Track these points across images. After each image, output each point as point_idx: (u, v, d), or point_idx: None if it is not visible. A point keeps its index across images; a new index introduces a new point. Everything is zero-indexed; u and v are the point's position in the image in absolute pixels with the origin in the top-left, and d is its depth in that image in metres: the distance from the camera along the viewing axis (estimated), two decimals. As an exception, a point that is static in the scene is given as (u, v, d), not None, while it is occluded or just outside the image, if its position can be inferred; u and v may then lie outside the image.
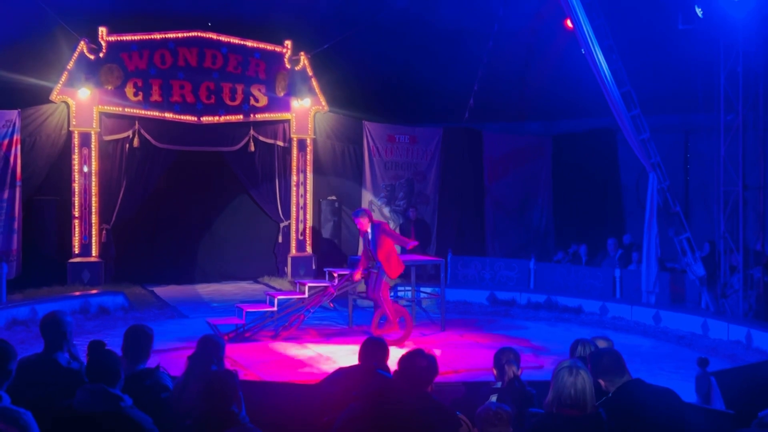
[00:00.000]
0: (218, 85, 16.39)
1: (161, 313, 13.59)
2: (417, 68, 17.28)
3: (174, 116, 16.08)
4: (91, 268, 15.37)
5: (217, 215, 17.35)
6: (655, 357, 11.14)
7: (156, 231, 16.72)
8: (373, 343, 5.44)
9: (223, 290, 16.25)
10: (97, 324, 12.53)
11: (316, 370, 9.82)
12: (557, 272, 15.35)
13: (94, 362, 4.41)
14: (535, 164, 19.44)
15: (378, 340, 5.53)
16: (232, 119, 16.62)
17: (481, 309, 14.56)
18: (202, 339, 5.53)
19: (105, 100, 15.55)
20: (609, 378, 4.80)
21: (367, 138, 17.95)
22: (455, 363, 10.33)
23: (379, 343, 5.46)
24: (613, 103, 13.06)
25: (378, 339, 5.57)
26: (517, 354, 5.61)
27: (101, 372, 4.32)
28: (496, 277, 15.73)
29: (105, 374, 4.31)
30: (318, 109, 17.39)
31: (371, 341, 5.48)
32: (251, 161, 17.01)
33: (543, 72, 17.13)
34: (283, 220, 17.40)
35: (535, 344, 11.57)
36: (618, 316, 13.54)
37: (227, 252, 17.34)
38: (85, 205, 15.54)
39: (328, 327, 12.84)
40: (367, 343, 5.44)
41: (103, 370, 4.33)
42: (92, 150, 15.54)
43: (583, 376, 4.31)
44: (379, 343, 5.45)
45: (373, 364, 5.26)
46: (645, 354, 11.22)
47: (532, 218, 19.54)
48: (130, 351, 5.15)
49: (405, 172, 18.35)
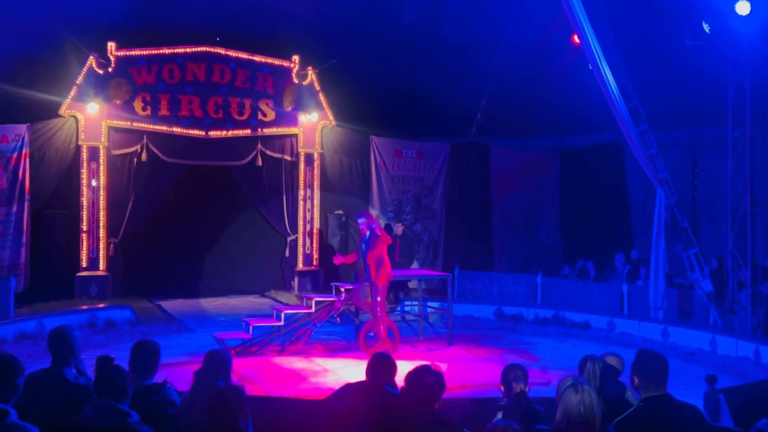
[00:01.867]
0: (226, 99, 16.46)
1: (168, 327, 13.59)
2: (424, 83, 17.30)
3: (182, 131, 16.14)
4: (99, 281, 15.40)
5: (225, 229, 17.37)
6: (663, 373, 11.06)
7: (163, 245, 16.75)
8: (380, 360, 5.42)
9: (229, 304, 16.26)
10: (104, 338, 12.54)
11: (322, 386, 9.80)
12: (565, 287, 15.31)
13: (102, 377, 4.41)
14: (543, 179, 19.41)
15: (385, 357, 5.50)
16: (239, 134, 16.67)
17: (489, 324, 14.52)
18: (209, 354, 5.52)
19: (113, 115, 15.63)
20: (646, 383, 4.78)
21: (374, 152, 17.97)
22: (462, 378, 10.30)
23: (387, 359, 5.44)
24: (620, 118, 13.05)
25: (385, 355, 5.54)
26: (525, 371, 5.58)
27: (109, 387, 4.32)
28: (503, 292, 15.69)
29: (113, 390, 4.31)
30: (325, 123, 17.43)
31: (379, 357, 5.45)
32: (259, 175, 17.04)
33: (550, 87, 17.11)
34: (290, 234, 17.41)
35: (542, 360, 11.52)
36: (626, 332, 13.49)
37: (234, 266, 17.36)
38: (93, 219, 15.59)
39: (334, 342, 12.82)
40: (374, 360, 5.42)
41: (110, 386, 4.33)
42: (101, 164, 15.60)
43: (589, 393, 4.29)
44: (386, 360, 5.43)
45: (381, 380, 5.24)
46: (653, 370, 11.14)
47: (540, 233, 19.49)
48: (138, 366, 5.15)
49: (412, 187, 18.35)
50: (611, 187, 18.57)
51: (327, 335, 13.12)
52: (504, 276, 16.20)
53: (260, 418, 4.77)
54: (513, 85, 17.51)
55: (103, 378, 4.40)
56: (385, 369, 5.33)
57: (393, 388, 5.26)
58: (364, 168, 18.01)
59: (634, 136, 13.15)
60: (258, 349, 11.76)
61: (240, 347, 11.68)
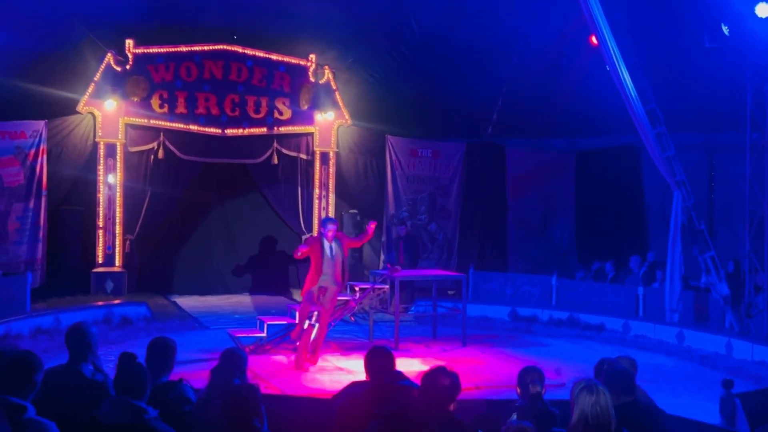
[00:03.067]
0: (243, 97, 16.50)
1: (183, 324, 13.65)
2: (441, 83, 17.30)
3: (199, 128, 16.20)
4: (115, 278, 15.48)
5: (240, 227, 17.42)
6: (678, 377, 11.04)
7: (179, 242, 16.82)
8: (374, 355, 5.23)
9: (244, 302, 16.31)
10: (119, 334, 12.60)
11: (337, 384, 9.80)
12: (580, 289, 15.26)
13: (124, 375, 4.43)
14: (558, 181, 19.36)
15: (378, 350, 5.30)
16: (256, 132, 16.71)
17: (503, 325, 14.50)
18: (225, 352, 5.54)
19: (131, 112, 15.69)
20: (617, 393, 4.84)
21: (389, 152, 17.98)
22: (477, 378, 10.31)
23: (379, 351, 5.26)
24: (637, 120, 13.00)
25: (378, 348, 5.34)
26: (541, 374, 5.57)
27: (129, 385, 4.34)
28: (518, 293, 15.66)
29: (133, 387, 4.33)
30: (341, 122, 17.44)
31: (373, 353, 5.26)
32: (274, 174, 17.08)
33: (567, 88, 17.06)
34: (305, 232, 17.43)
35: (556, 361, 11.49)
36: (641, 335, 13.44)
37: (249, 263, 17.40)
38: (109, 216, 15.67)
39: (348, 341, 12.84)
40: (370, 356, 5.22)
41: (131, 384, 4.35)
42: (117, 161, 15.68)
43: (603, 393, 4.30)
44: (380, 352, 5.25)
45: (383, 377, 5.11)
46: (668, 373, 11.12)
47: (554, 235, 19.44)
48: (154, 363, 5.16)
49: (427, 186, 18.34)
50: (627, 190, 18.49)
51: (341, 334, 13.13)
52: (519, 277, 16.16)
53: (275, 416, 4.78)
54: (529, 86, 17.47)
55: (124, 375, 4.42)
56: (382, 362, 5.22)
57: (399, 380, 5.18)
58: (379, 167, 18.02)
59: (652, 138, 13.09)
60: (273, 347, 11.78)
61: (255, 345, 11.71)
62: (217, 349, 5.73)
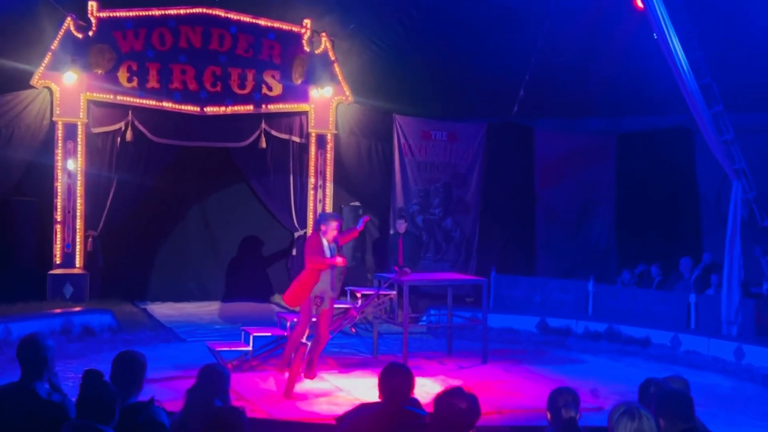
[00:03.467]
0: (225, 70, 16.51)
1: (155, 336, 13.68)
2: (458, 53, 17.28)
3: (173, 106, 16.21)
4: (75, 281, 15.52)
5: (222, 222, 17.45)
6: (737, 400, 11.03)
7: (150, 239, 16.85)
8: (392, 372, 5.30)
9: (227, 310, 16.35)
10: (80, 347, 12.62)
11: (335, 407, 9.82)
12: (621, 296, 15.26)
13: (89, 395, 4.44)
14: (597, 168, 19.32)
15: (397, 367, 5.38)
16: (240, 110, 16.72)
17: (530, 338, 14.50)
18: (204, 369, 5.54)
19: (94, 86, 15.72)
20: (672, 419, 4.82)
21: (397, 134, 17.97)
22: (499, 402, 10.30)
23: (400, 370, 5.34)
24: (690, 97, 12.97)
25: (397, 365, 5.45)
26: (576, 396, 5.56)
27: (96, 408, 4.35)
28: (548, 301, 15.66)
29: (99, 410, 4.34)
30: (341, 99, 17.44)
31: (392, 369, 5.33)
32: (262, 160, 17.10)
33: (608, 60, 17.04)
34: (297, 229, 17.45)
35: (593, 381, 11.49)
36: (692, 350, 13.42)
37: (233, 265, 17.44)
38: (68, 208, 15.70)
39: (349, 356, 12.86)
40: (385, 373, 5.30)
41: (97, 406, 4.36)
42: (78, 144, 15.71)
43: (647, 419, 4.30)
44: (399, 371, 5.32)
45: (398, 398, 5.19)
46: (724, 396, 11.11)
47: (592, 232, 19.42)
48: (121, 381, 5.16)
49: (442, 175, 18.33)
50: (678, 179, 18.47)
51: (340, 348, 13.14)
52: (549, 282, 16.15)
53: (263, 444, 4.80)
54: (563, 57, 17.45)
55: (90, 395, 4.43)
56: (399, 382, 5.27)
57: (415, 408, 5.24)
58: (385, 152, 18.01)
59: (707, 118, 13.07)
60: (259, 363, 11.80)
61: (238, 361, 11.73)
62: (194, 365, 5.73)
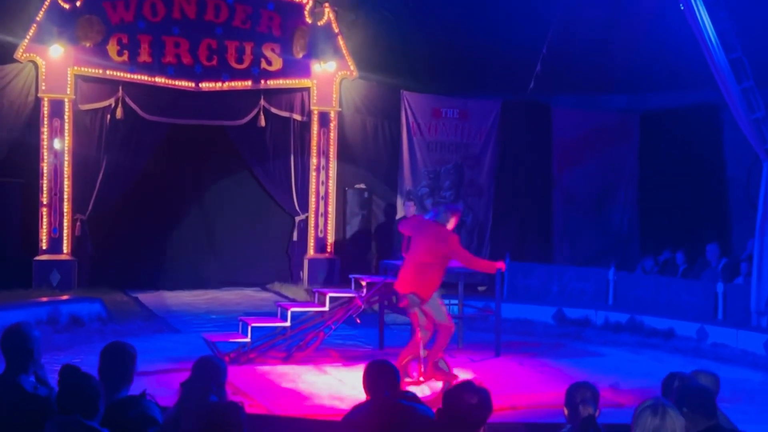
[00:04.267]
0: (222, 43, 16.49)
1: (147, 326, 13.71)
2: (471, 25, 17.21)
3: (167, 81, 16.21)
4: (62, 267, 15.56)
5: (218, 205, 17.46)
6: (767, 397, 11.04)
7: (142, 223, 16.85)
8: (371, 368, 5.50)
9: (223, 299, 16.38)
10: (68, 338, 12.66)
11: (338, 402, 9.85)
12: (644, 285, 15.24)
13: (68, 388, 4.46)
14: (618, 149, 19.30)
15: (378, 362, 5.58)
16: (238, 86, 16.72)
17: (546, 330, 14.52)
18: (199, 361, 5.57)
19: (82, 60, 15.71)
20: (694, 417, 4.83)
21: (405, 112, 17.94)
22: (513, 398, 10.29)
23: (379, 364, 5.53)
24: (718, 72, 12.92)
25: (378, 361, 5.62)
26: (595, 392, 5.58)
27: (76, 401, 4.37)
28: (565, 290, 15.65)
29: (81, 404, 4.35)
30: (345, 74, 17.42)
31: (371, 365, 5.53)
32: (261, 139, 17.10)
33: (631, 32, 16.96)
34: (299, 212, 17.47)
35: (614, 376, 11.51)
36: (720, 343, 13.42)
37: (230, 251, 17.46)
38: (55, 191, 15.72)
39: (353, 348, 12.88)
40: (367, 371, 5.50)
41: (78, 399, 4.38)
42: (65, 122, 15.71)
43: (672, 417, 4.30)
44: (379, 365, 5.52)
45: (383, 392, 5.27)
46: (754, 392, 11.10)
47: (613, 217, 19.41)
48: (110, 374, 5.20)
49: (453, 156, 18.32)
50: (705, 160, 18.41)
51: (344, 340, 13.16)
52: (567, 270, 16.15)
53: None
54: (583, 29, 17.38)
55: (70, 389, 4.45)
56: (379, 376, 5.38)
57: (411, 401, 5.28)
58: (392, 131, 18.00)
59: (736, 95, 13.02)
60: (258, 355, 11.81)
61: (236, 353, 11.75)
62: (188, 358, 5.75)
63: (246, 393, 10.14)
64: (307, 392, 10.46)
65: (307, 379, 11.05)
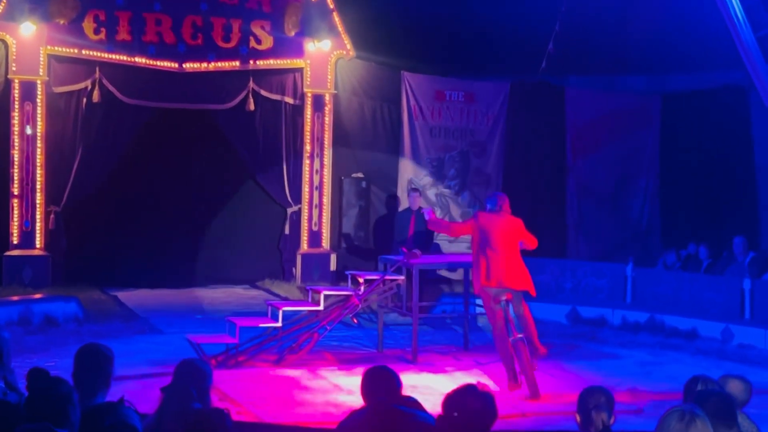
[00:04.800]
0: (207, 20, 16.48)
1: (127, 327, 13.70)
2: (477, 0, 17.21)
3: (148, 62, 16.20)
4: (35, 264, 15.56)
5: (204, 197, 17.45)
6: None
7: (121, 216, 16.86)
8: (370, 374, 5.57)
9: (210, 298, 16.39)
10: (41, 340, 12.65)
11: (332, 409, 9.87)
12: (664, 282, 15.25)
13: (36, 395, 4.46)
14: (638, 134, 19.30)
15: (378, 370, 5.65)
16: (225, 67, 16.71)
17: (558, 330, 14.52)
18: (182, 365, 5.58)
19: (56, 39, 15.70)
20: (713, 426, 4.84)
21: (407, 94, 17.95)
22: (523, 403, 10.35)
23: (381, 372, 5.60)
24: (745, 51, 12.95)
25: (378, 368, 5.69)
26: (610, 397, 5.58)
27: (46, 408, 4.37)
28: (579, 287, 15.67)
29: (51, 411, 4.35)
30: (341, 54, 17.41)
31: (369, 372, 5.61)
32: (250, 124, 17.09)
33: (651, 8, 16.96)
34: (291, 204, 17.47)
35: (631, 380, 11.53)
36: (747, 344, 13.44)
37: (217, 246, 17.48)
38: (27, 180, 15.72)
39: (350, 350, 12.90)
40: (368, 377, 5.58)
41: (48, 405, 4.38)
42: (38, 105, 15.71)
43: (701, 423, 4.31)
44: (377, 371, 5.60)
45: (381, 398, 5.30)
46: (783, 397, 11.13)
47: (632, 208, 19.43)
48: (84, 378, 5.20)
49: (458, 143, 18.32)
50: (731, 146, 18.41)
51: (340, 341, 13.19)
52: (581, 265, 16.16)
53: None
54: (599, 4, 17.37)
55: (39, 394, 4.45)
56: (378, 382, 5.43)
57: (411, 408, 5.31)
58: (392, 115, 18.01)
59: (764, 75, 13.03)
60: (247, 358, 11.84)
61: (223, 355, 11.78)
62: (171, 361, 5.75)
63: (233, 399, 10.15)
64: (299, 398, 10.48)
65: (299, 383, 11.06)
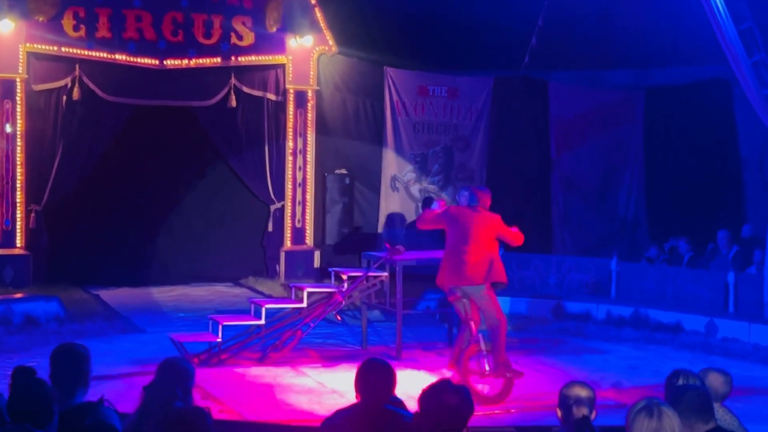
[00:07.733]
0: (188, 16, 16.46)
1: (109, 326, 13.68)
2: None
3: (128, 59, 16.18)
4: (15, 263, 15.53)
5: (185, 193, 17.42)
6: (782, 395, 11.11)
7: (103, 215, 16.82)
8: (370, 368, 5.41)
9: (192, 295, 16.39)
10: (22, 339, 12.62)
11: (316, 407, 9.90)
12: (649, 276, 15.30)
13: (19, 395, 4.47)
14: (622, 128, 19.35)
15: (378, 362, 5.48)
16: (206, 63, 16.70)
17: (543, 325, 14.56)
18: (164, 364, 5.59)
19: (35, 36, 15.66)
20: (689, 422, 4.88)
21: (389, 90, 17.96)
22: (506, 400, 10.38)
23: (379, 366, 5.44)
24: (727, 45, 12.97)
25: (378, 360, 5.52)
26: (590, 391, 5.61)
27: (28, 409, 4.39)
28: (564, 282, 15.70)
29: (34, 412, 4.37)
30: (323, 50, 17.41)
31: (369, 365, 5.44)
32: (232, 121, 17.09)
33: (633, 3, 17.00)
34: (274, 201, 17.47)
35: (615, 374, 11.59)
36: (731, 338, 13.49)
37: (199, 244, 17.44)
38: (6, 179, 15.68)
39: (334, 347, 12.93)
40: (364, 369, 5.41)
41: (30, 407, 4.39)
42: (17, 103, 15.67)
43: (670, 418, 4.36)
44: (379, 366, 5.43)
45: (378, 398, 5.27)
46: (767, 390, 11.20)
47: (618, 202, 19.47)
48: (62, 379, 5.19)
49: (442, 138, 18.34)
50: (716, 140, 18.47)
51: (324, 339, 13.20)
52: (566, 260, 16.19)
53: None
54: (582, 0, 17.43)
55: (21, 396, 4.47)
56: (378, 379, 5.37)
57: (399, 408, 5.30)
58: (375, 111, 18.01)
59: (746, 69, 13.07)
60: (230, 356, 11.84)
61: (206, 354, 11.78)
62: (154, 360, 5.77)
63: (216, 397, 10.17)
64: (282, 396, 10.50)
65: (283, 381, 11.08)
